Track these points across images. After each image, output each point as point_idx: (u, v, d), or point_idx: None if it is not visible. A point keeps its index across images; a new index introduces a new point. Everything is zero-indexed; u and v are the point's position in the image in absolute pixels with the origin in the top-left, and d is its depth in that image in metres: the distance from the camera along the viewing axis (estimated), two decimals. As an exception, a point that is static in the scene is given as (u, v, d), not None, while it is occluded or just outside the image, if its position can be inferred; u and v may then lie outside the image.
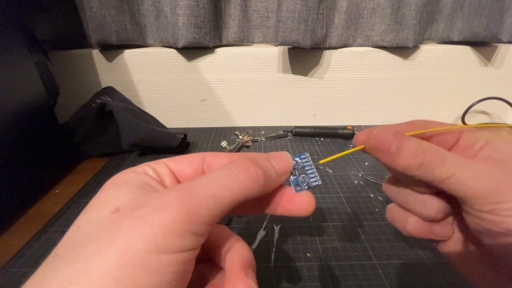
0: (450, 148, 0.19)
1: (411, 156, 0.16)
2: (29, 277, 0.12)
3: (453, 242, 0.19)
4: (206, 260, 0.18)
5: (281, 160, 0.17)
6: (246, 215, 0.35)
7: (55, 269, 0.12)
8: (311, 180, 0.18)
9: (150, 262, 0.11)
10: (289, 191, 0.18)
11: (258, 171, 0.15)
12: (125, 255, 0.11)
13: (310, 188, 0.18)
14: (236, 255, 0.16)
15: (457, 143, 0.19)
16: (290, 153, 0.19)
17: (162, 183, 0.16)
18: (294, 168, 0.18)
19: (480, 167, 0.16)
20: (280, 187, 0.18)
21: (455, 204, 0.18)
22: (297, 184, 0.18)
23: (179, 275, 0.12)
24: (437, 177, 0.16)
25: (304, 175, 0.18)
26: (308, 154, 0.19)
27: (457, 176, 0.15)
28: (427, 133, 0.19)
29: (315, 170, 0.19)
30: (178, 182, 0.18)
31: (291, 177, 0.18)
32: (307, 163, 0.19)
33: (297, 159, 0.19)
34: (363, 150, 0.18)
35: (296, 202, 0.17)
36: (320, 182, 0.18)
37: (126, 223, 0.12)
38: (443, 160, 0.16)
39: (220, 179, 0.14)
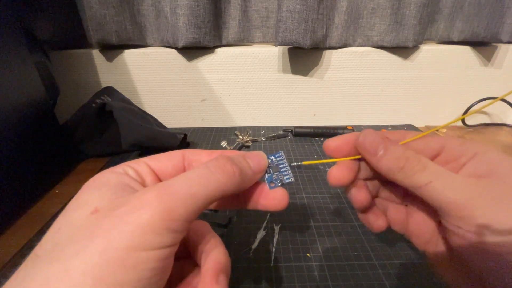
0: (432, 158, 0.19)
1: (394, 160, 0.17)
2: (9, 278, 0.12)
3: (431, 241, 0.19)
4: (187, 256, 0.18)
5: (256, 159, 0.18)
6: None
7: (35, 270, 0.12)
8: (284, 177, 0.19)
9: (128, 259, 0.12)
10: (266, 187, 0.19)
11: (235, 169, 0.16)
12: (104, 254, 0.12)
13: (283, 184, 0.19)
14: (212, 259, 0.16)
15: (440, 155, 0.19)
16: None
17: (142, 183, 0.17)
18: (269, 166, 0.19)
19: (459, 179, 0.16)
20: (258, 183, 0.19)
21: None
22: (271, 181, 0.19)
23: (158, 271, 0.13)
24: (415, 183, 0.16)
25: (278, 172, 0.19)
26: (282, 153, 0.20)
27: (433, 184, 0.16)
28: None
29: (288, 168, 0.20)
30: (159, 180, 0.18)
31: (266, 175, 0.19)
32: (281, 162, 0.20)
33: (272, 157, 0.20)
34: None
35: (271, 198, 0.19)
36: (292, 179, 0.19)
37: (105, 223, 0.13)
38: (423, 167, 0.16)
39: (197, 177, 0.15)
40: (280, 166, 0.20)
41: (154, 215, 0.13)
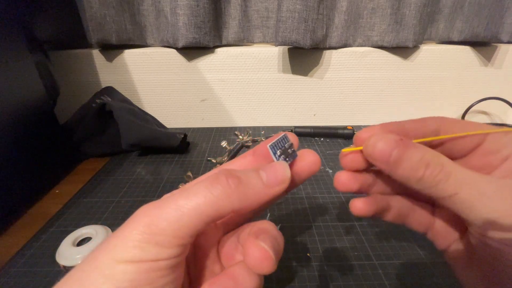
0: (470, 151, 0.17)
1: (410, 169, 0.15)
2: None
3: (455, 242, 0.18)
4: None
5: (273, 170, 0.15)
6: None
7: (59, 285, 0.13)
8: (293, 155, 0.17)
9: (107, 269, 0.12)
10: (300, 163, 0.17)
11: (231, 180, 0.14)
12: (92, 263, 0.13)
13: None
14: (255, 225, 0.16)
15: (481, 146, 0.17)
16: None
17: None
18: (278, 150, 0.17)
19: (493, 186, 0.14)
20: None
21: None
22: (285, 158, 0.17)
23: (139, 283, 0.12)
24: (438, 194, 0.14)
25: (286, 154, 0.17)
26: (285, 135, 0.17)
27: (460, 196, 0.14)
28: (440, 134, 0.17)
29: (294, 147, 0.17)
30: None
31: (279, 158, 0.16)
32: (287, 145, 0.17)
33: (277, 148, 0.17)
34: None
35: (310, 162, 0.17)
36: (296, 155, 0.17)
37: (111, 235, 0.14)
38: (447, 176, 0.14)
39: (187, 191, 0.14)
40: (288, 150, 0.17)
41: (135, 228, 0.13)
